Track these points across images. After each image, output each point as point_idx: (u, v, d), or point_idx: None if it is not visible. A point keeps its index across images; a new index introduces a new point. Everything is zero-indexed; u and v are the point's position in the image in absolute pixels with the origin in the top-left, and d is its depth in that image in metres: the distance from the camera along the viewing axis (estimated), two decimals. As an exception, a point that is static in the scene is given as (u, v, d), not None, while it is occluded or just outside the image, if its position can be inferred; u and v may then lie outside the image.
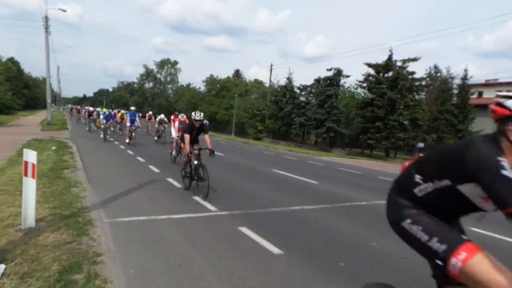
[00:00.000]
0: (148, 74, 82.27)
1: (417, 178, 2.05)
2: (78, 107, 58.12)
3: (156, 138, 20.25)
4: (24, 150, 4.55)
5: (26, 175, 4.42)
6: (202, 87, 69.64)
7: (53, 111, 36.57)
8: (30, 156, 4.45)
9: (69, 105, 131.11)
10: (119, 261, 3.82)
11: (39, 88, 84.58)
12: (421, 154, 2.26)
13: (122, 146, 16.18)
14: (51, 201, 5.77)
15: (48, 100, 30.11)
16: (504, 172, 1.60)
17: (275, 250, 4.51)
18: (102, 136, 18.53)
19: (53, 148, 12.95)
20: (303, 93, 40.08)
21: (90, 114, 27.32)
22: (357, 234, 5.69)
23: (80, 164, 9.91)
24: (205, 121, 8.45)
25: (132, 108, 19.86)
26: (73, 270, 3.38)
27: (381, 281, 3.84)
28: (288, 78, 41.05)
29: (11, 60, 65.93)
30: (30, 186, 4.44)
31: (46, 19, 28.52)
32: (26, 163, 4.43)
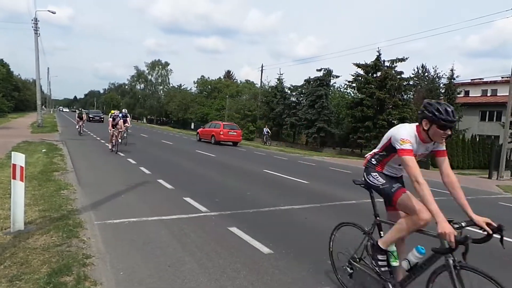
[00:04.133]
0: (139, 76, 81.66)
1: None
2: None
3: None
4: (12, 153, 4.55)
5: (14, 178, 4.42)
6: (194, 89, 69.45)
7: (43, 113, 36.20)
8: (18, 159, 4.45)
9: (61, 108, 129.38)
10: (109, 263, 3.84)
11: (29, 90, 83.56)
12: None
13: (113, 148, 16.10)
14: (40, 203, 5.76)
15: (38, 102, 29.83)
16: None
17: (265, 249, 4.56)
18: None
19: (43, 150, 12.86)
20: (294, 93, 40.16)
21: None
22: (346, 233, 5.75)
23: (70, 166, 9.86)
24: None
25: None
26: (62, 272, 3.39)
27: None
28: (278, 79, 41.10)
29: (1, 62, 65.05)
30: (18, 189, 4.44)
31: (36, 21, 28.27)
32: (14, 166, 4.43)
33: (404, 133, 2.88)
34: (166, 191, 7.94)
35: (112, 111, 17.31)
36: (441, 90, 34.21)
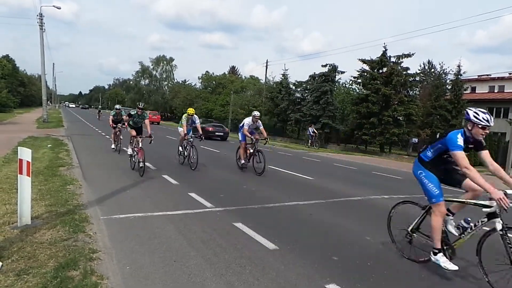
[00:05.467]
0: (143, 71, 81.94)
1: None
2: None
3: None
4: (19, 148, 4.57)
5: (21, 173, 4.44)
6: (198, 84, 69.47)
7: (48, 108, 36.39)
8: (25, 154, 4.47)
9: (66, 103, 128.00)
10: (115, 258, 3.86)
11: (35, 86, 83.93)
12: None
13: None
14: (47, 198, 5.79)
15: (44, 97, 29.99)
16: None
17: (270, 245, 4.56)
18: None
19: (49, 145, 12.94)
20: (299, 89, 40.03)
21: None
22: (351, 229, 5.76)
23: (76, 162, 9.91)
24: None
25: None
26: (69, 266, 3.41)
27: (380, 272, 3.92)
28: (283, 75, 40.98)
29: (6, 57, 65.34)
30: (25, 183, 4.46)
31: (41, 16, 28.35)
32: (20, 161, 4.45)
33: None
34: (171, 186, 7.96)
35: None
36: (447, 86, 33.97)
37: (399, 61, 30.52)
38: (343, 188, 9.65)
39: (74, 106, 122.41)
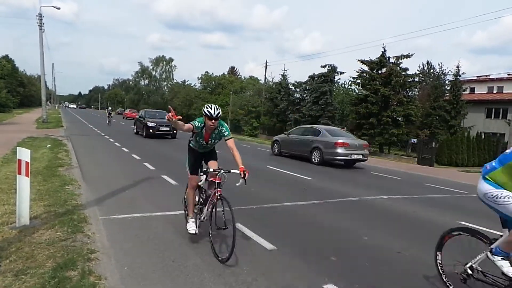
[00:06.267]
0: (143, 72, 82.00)
1: None
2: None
3: None
4: (18, 148, 4.57)
5: (19, 173, 4.45)
6: (198, 84, 69.49)
7: (48, 109, 36.38)
8: (24, 154, 4.47)
9: (66, 104, 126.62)
10: (113, 258, 3.86)
11: (34, 86, 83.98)
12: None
13: (117, 144, 16.16)
14: (46, 198, 5.79)
15: (43, 98, 29.99)
16: None
17: (268, 245, 4.57)
18: None
19: (48, 146, 12.93)
20: (298, 89, 40.04)
21: None
22: (349, 229, 5.76)
23: (75, 162, 9.91)
24: None
25: None
26: (67, 267, 3.42)
27: (378, 272, 3.93)
28: (283, 75, 41.00)
29: (6, 57, 65.34)
30: (24, 184, 4.47)
31: (40, 16, 28.36)
32: (19, 161, 4.45)
33: None
34: (170, 186, 7.96)
35: None
36: (446, 87, 33.98)
37: (398, 62, 30.50)
38: (342, 188, 9.66)
39: (74, 106, 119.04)
